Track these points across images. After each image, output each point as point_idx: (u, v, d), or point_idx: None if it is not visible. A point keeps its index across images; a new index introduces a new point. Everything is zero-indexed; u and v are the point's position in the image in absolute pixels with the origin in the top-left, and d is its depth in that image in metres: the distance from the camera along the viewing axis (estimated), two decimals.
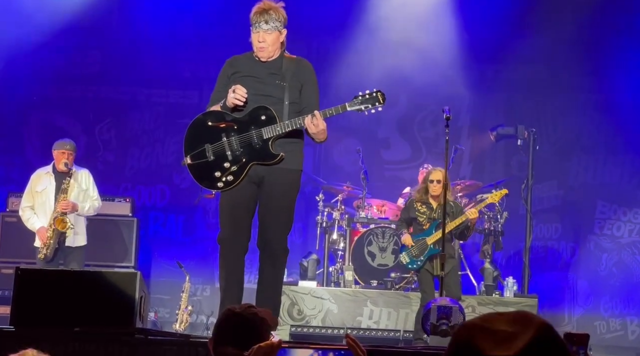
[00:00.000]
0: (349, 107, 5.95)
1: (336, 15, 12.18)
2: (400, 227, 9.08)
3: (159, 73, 12.50)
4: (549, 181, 12.04)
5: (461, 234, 8.83)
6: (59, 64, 12.33)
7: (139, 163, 12.65)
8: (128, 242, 10.98)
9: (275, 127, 5.99)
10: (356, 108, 5.96)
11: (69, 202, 9.22)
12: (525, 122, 11.18)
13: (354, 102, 5.96)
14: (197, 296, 11.95)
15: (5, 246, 10.70)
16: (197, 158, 6.19)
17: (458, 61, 12.12)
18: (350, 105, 5.95)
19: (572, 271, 12.12)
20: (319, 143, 6.30)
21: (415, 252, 8.65)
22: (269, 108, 6.04)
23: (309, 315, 9.75)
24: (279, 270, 6.32)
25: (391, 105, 12.39)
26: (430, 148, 12.41)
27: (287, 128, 5.99)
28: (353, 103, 5.96)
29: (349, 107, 5.95)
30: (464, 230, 8.72)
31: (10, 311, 5.74)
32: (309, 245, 11.36)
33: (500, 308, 9.62)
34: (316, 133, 5.97)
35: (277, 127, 5.99)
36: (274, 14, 6.11)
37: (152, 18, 12.19)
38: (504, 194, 9.04)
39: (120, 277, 5.87)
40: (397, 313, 9.75)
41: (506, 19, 11.95)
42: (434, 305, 7.13)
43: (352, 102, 5.96)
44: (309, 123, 5.90)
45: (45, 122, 12.40)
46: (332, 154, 12.55)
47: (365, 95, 5.96)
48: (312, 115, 5.91)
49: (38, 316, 5.59)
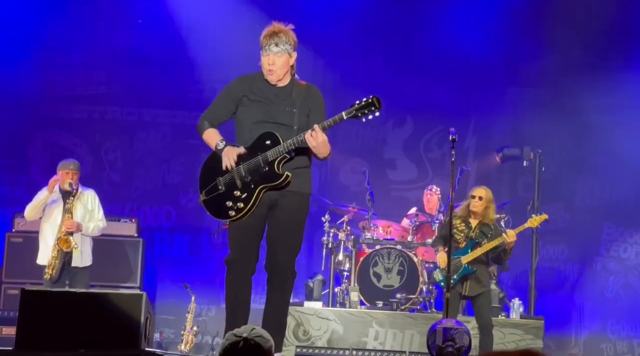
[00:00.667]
0: (345, 116, 5.93)
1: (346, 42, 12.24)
2: (436, 243, 8.88)
3: (165, 93, 12.53)
4: (555, 202, 12.01)
5: (497, 257, 8.56)
6: (65, 83, 12.37)
7: (145, 183, 12.66)
8: (133, 262, 10.96)
9: (279, 148, 6.01)
10: (353, 115, 5.93)
11: (74, 222, 9.23)
12: (531, 143, 11.18)
13: (351, 110, 5.94)
14: (202, 316, 11.92)
15: (10, 266, 10.69)
16: (210, 193, 6.22)
17: (464, 83, 12.13)
18: (348, 113, 5.93)
19: (578, 293, 12.08)
20: (323, 160, 6.27)
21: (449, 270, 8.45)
22: (273, 133, 6.07)
23: (315, 336, 9.73)
24: (286, 292, 6.33)
25: (398, 126, 12.57)
26: (437, 169, 12.41)
27: (290, 147, 6.01)
28: (350, 111, 5.93)
29: (346, 115, 5.93)
30: (501, 252, 8.46)
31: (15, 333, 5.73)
32: (315, 265, 11.34)
33: (507, 330, 9.58)
34: (317, 147, 5.96)
35: (280, 148, 6.01)
36: (284, 36, 6.13)
37: (159, 38, 12.22)
38: (544, 219, 8.78)
39: (125, 298, 5.87)
40: (402, 334, 9.72)
41: (512, 41, 11.98)
42: (439, 327, 7.10)
43: (349, 110, 5.94)
44: (308, 137, 5.91)
45: (51, 142, 12.42)
46: (338, 175, 12.55)
47: (362, 102, 5.93)
48: (311, 129, 5.92)
49: (43, 337, 5.59)
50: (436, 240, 9.01)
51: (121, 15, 12.27)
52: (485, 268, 8.56)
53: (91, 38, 12.22)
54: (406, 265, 10.28)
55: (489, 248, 8.38)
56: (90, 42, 12.23)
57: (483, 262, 8.48)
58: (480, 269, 8.41)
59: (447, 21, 12.05)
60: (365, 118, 5.94)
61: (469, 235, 8.49)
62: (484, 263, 8.50)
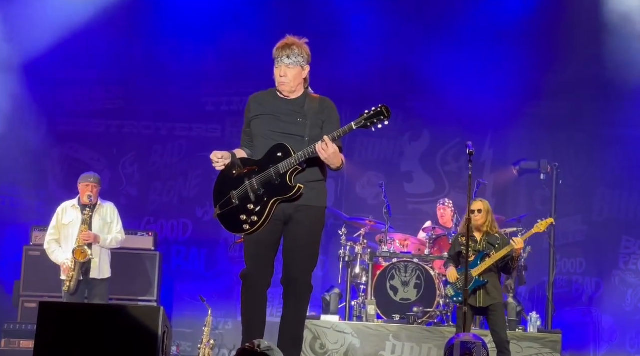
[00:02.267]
0: (355, 126, 5.93)
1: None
2: (447, 263, 8.84)
3: (182, 107, 12.59)
4: (573, 215, 11.97)
5: (505, 267, 8.51)
6: (83, 98, 12.43)
7: (162, 197, 12.69)
8: (151, 275, 10.98)
9: (290, 160, 6.02)
10: (362, 125, 5.93)
11: (90, 233, 9.24)
12: (548, 156, 11.15)
13: (360, 119, 5.93)
14: (219, 330, 11.94)
15: (28, 280, 10.72)
16: (225, 207, 6.22)
17: (481, 96, 12.12)
18: (357, 123, 5.93)
19: (596, 307, 12.03)
20: (336, 170, 6.26)
21: (461, 284, 8.45)
22: (284, 145, 6.08)
23: (332, 350, 9.71)
24: (302, 306, 6.31)
25: (414, 139, 12.57)
26: (453, 183, 12.40)
27: (301, 158, 6.01)
28: (359, 121, 5.92)
29: (355, 125, 5.93)
30: (509, 261, 8.42)
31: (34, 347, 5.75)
32: (332, 279, 11.33)
33: (524, 344, 9.55)
34: (328, 158, 5.97)
35: (291, 160, 6.02)
36: (296, 49, 6.16)
37: (175, 52, 12.28)
38: (550, 223, 8.77)
39: (143, 312, 5.86)
40: (419, 348, 9.69)
41: (528, 55, 11.98)
42: (457, 341, 7.08)
43: (358, 120, 5.93)
44: (319, 149, 5.92)
45: (69, 157, 12.48)
46: (354, 188, 12.56)
47: (371, 112, 5.92)
48: (321, 140, 5.92)
49: (61, 351, 5.59)
50: (447, 260, 8.98)
51: (138, 29, 12.33)
52: (497, 279, 8.51)
53: (108, 53, 12.27)
54: (423, 279, 10.26)
55: (498, 257, 8.36)
56: (108, 57, 12.29)
57: (494, 272, 8.45)
58: (492, 280, 8.38)
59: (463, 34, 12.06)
60: (374, 127, 5.93)
61: (477, 248, 8.49)
62: (495, 274, 8.47)
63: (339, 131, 5.97)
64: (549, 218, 8.78)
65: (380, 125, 5.92)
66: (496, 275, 8.51)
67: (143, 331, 5.63)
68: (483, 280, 8.33)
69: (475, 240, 8.52)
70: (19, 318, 10.65)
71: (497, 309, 8.41)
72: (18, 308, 10.77)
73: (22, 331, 10.26)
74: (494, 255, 8.34)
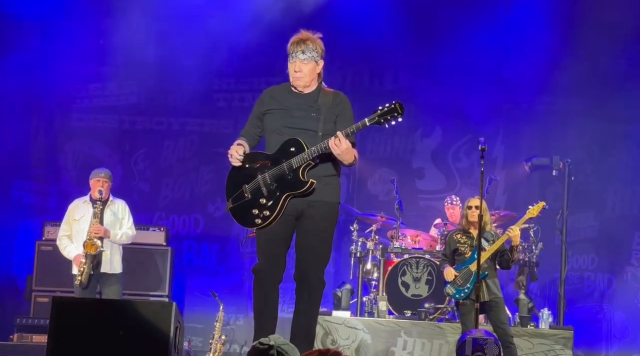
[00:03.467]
0: (368, 122, 5.92)
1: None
2: (443, 263, 8.83)
3: (194, 103, 12.61)
4: (585, 212, 11.95)
5: (503, 260, 8.50)
6: (95, 94, 12.46)
7: (173, 192, 12.72)
8: (162, 271, 11.01)
9: (303, 155, 6.02)
10: (376, 121, 5.91)
11: (101, 227, 9.25)
12: (560, 153, 11.13)
13: (373, 116, 5.92)
14: (230, 325, 11.96)
15: (41, 274, 10.77)
16: (237, 201, 6.22)
17: (493, 92, 12.11)
18: (370, 119, 5.92)
19: (608, 303, 12.01)
20: (349, 166, 6.25)
21: (460, 282, 8.40)
22: (297, 140, 6.08)
23: (343, 345, 9.72)
24: (314, 302, 6.31)
25: (426, 136, 12.57)
26: (465, 179, 12.39)
27: (313, 154, 6.01)
28: (372, 118, 5.91)
29: (369, 121, 5.92)
30: (507, 253, 8.42)
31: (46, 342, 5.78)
32: (343, 274, 11.34)
33: (536, 340, 9.54)
34: (341, 154, 5.96)
35: (304, 155, 6.01)
36: (310, 44, 6.16)
37: (187, 48, 12.30)
38: (542, 207, 8.72)
39: (156, 307, 5.89)
40: (430, 344, 9.70)
41: (541, 50, 11.96)
42: (469, 337, 7.09)
43: (372, 117, 5.92)
44: (332, 144, 5.91)
45: (81, 152, 12.51)
46: (366, 184, 12.56)
47: (384, 108, 5.91)
48: (334, 136, 5.92)
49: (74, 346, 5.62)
50: (442, 259, 8.95)
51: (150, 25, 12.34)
52: (494, 274, 8.52)
53: (121, 48, 12.29)
54: (434, 275, 10.25)
55: (494, 249, 8.36)
56: (120, 53, 12.31)
57: (492, 268, 8.45)
58: (490, 275, 8.37)
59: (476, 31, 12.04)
60: (388, 124, 5.91)
61: (473, 244, 8.51)
62: (493, 271, 8.48)
63: (352, 127, 5.96)
64: (540, 202, 8.78)
65: (393, 122, 5.92)
66: (494, 272, 8.53)
67: (156, 327, 5.66)
68: (482, 273, 8.34)
69: (470, 236, 8.57)
70: (32, 313, 10.69)
71: (499, 304, 8.43)
72: (30, 303, 10.82)
73: (35, 326, 10.30)
74: (489, 248, 8.35)
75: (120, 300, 8.73)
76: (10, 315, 10.87)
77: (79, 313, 5.79)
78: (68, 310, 5.82)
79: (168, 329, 5.65)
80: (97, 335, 5.64)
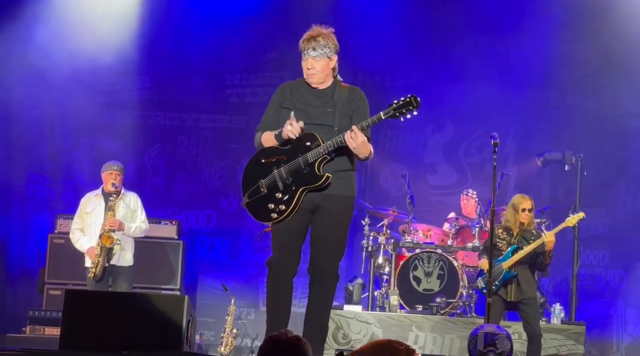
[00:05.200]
0: (384, 116, 5.92)
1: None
2: (481, 254, 8.89)
3: (207, 98, 12.64)
4: (597, 208, 11.92)
5: (536, 263, 8.53)
6: (109, 89, 12.50)
7: (187, 188, 12.75)
8: (174, 264, 11.04)
9: (319, 149, 6.02)
10: (391, 115, 5.92)
11: (116, 220, 9.30)
12: (572, 148, 11.12)
13: (389, 109, 5.92)
14: (242, 319, 11.99)
15: (53, 267, 10.83)
16: (253, 195, 6.22)
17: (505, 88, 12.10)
18: (385, 113, 5.92)
19: (620, 299, 11.99)
20: (364, 160, 6.23)
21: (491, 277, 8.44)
22: (313, 134, 6.08)
23: (354, 340, 9.75)
24: (328, 296, 6.30)
25: (438, 131, 12.57)
26: (476, 174, 12.39)
27: (329, 148, 6.01)
28: (388, 111, 5.92)
29: (384, 115, 5.92)
30: (540, 256, 8.45)
31: (59, 334, 5.81)
32: (355, 269, 11.36)
33: (548, 335, 9.54)
34: (357, 148, 5.95)
35: (320, 149, 6.02)
36: (322, 40, 6.15)
37: (201, 44, 12.33)
38: (581, 218, 8.72)
39: (168, 300, 5.92)
40: (442, 339, 9.71)
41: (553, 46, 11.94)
42: (481, 332, 7.09)
43: (387, 110, 5.92)
44: (348, 138, 5.91)
45: (96, 147, 12.55)
46: (378, 179, 12.57)
47: (400, 102, 5.91)
48: (350, 129, 5.92)
49: (86, 339, 5.65)
50: (482, 250, 9.00)
51: (164, 20, 12.38)
52: (528, 273, 8.53)
53: (134, 44, 12.33)
54: (446, 269, 10.27)
55: (529, 250, 8.38)
56: (134, 48, 12.34)
57: (526, 267, 8.46)
58: (523, 274, 8.39)
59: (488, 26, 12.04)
60: (403, 117, 5.92)
61: (511, 242, 8.52)
62: (527, 269, 8.49)
63: (367, 121, 5.96)
64: (580, 213, 8.77)
65: (409, 116, 5.92)
66: (528, 270, 8.53)
67: (168, 320, 5.68)
68: (512, 273, 8.36)
69: (511, 233, 8.56)
70: (44, 306, 10.75)
71: (530, 302, 8.45)
72: (43, 296, 10.88)
73: (47, 319, 10.35)
74: (525, 248, 8.36)
75: (134, 293, 8.77)
76: (23, 308, 10.94)
77: (92, 305, 5.82)
78: (81, 302, 5.85)
79: (180, 322, 5.68)
80: (110, 328, 5.68)
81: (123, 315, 5.71)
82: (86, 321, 5.70)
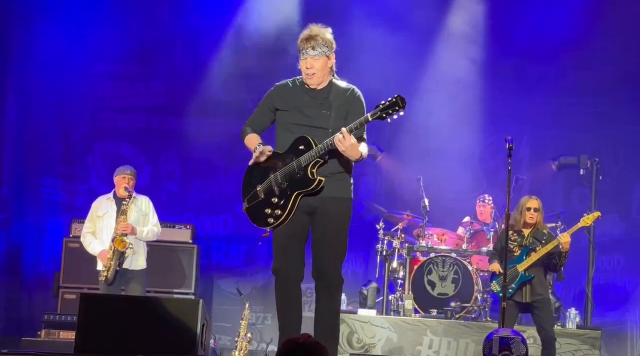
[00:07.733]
0: (371, 117, 5.88)
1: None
2: (492, 258, 8.89)
3: (222, 104, 12.64)
4: (611, 213, 11.88)
5: (551, 264, 8.53)
6: (124, 94, 12.54)
7: (202, 193, 12.77)
8: (188, 268, 11.05)
9: (311, 152, 6.00)
10: (378, 116, 5.87)
11: (128, 224, 9.30)
12: (586, 153, 11.09)
13: (375, 111, 5.87)
14: (258, 324, 12.00)
15: (68, 271, 10.86)
16: (252, 201, 6.25)
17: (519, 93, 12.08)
18: (372, 114, 5.88)
19: (635, 304, 11.95)
20: (356, 162, 6.18)
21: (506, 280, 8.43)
22: (306, 137, 6.06)
23: (368, 344, 9.74)
24: (335, 299, 6.28)
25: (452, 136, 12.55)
26: (490, 179, 12.36)
27: (321, 151, 5.97)
28: (375, 113, 5.87)
29: (371, 117, 5.87)
30: (555, 257, 8.45)
31: (74, 338, 5.83)
32: (369, 273, 11.36)
33: (563, 340, 9.51)
34: (346, 151, 5.91)
35: (312, 152, 6.00)
36: (320, 39, 6.12)
37: (216, 49, 12.36)
38: (597, 217, 8.69)
39: (183, 305, 5.95)
40: (457, 343, 9.70)
41: (567, 52, 11.92)
42: (496, 336, 7.08)
43: (374, 112, 5.88)
44: (337, 141, 5.87)
45: (110, 152, 12.59)
46: (392, 183, 12.56)
47: (386, 103, 5.86)
48: (339, 132, 5.89)
49: (102, 342, 5.67)
50: (493, 253, 8.98)
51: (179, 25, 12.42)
52: (543, 274, 8.52)
53: (150, 49, 12.37)
54: (461, 273, 10.26)
55: (544, 252, 8.37)
56: (149, 53, 12.38)
57: (540, 268, 8.45)
58: (538, 275, 8.38)
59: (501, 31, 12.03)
60: (390, 118, 5.86)
61: (523, 244, 8.50)
62: (541, 270, 8.48)
63: (355, 123, 5.91)
64: (596, 212, 8.74)
65: (395, 116, 5.86)
66: (542, 271, 8.52)
67: (183, 324, 5.71)
68: (529, 276, 8.35)
69: (522, 235, 8.56)
70: (59, 309, 10.77)
71: (544, 305, 8.43)
72: (58, 299, 10.90)
73: (62, 322, 10.35)
74: (539, 250, 8.35)
75: (149, 297, 8.78)
76: (38, 312, 10.97)
77: (107, 309, 5.84)
78: (96, 306, 5.88)
79: (195, 326, 5.70)
80: (125, 332, 5.69)
81: (138, 319, 5.74)
82: (101, 325, 5.73)
